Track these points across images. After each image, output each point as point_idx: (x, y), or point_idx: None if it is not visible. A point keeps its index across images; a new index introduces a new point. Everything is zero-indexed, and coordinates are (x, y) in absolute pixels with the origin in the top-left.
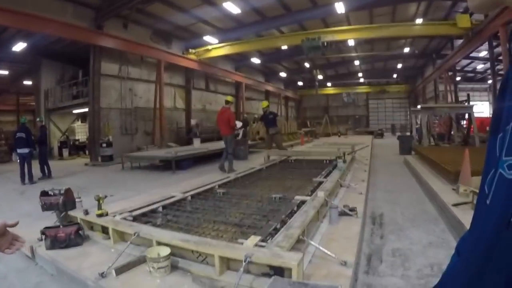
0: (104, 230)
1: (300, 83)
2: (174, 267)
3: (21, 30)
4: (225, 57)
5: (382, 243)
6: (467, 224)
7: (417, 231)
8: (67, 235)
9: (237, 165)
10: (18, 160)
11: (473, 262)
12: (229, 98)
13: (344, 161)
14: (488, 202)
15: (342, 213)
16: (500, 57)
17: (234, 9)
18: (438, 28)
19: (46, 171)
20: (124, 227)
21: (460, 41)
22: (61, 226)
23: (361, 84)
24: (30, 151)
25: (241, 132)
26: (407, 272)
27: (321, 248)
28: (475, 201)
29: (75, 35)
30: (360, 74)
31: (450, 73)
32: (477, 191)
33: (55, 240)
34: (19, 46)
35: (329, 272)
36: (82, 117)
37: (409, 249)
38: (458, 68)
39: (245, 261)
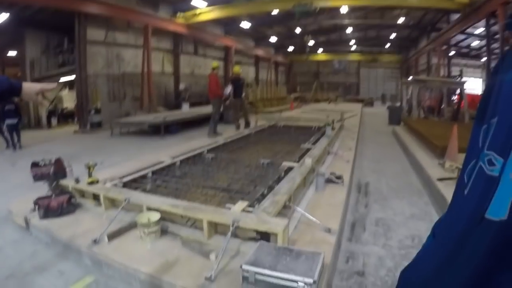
0: (95, 197)
1: (290, 48)
2: (164, 232)
3: (3, 1)
4: (215, 21)
5: (366, 212)
6: (450, 199)
7: (401, 202)
8: (60, 204)
9: (226, 129)
10: (6, 130)
11: (445, 247)
12: (214, 64)
13: (333, 128)
14: (466, 192)
15: (329, 181)
16: (497, 36)
17: None
18: (435, 0)
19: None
20: (114, 194)
21: (456, 16)
22: (53, 196)
23: (353, 51)
24: (18, 120)
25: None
26: (389, 242)
27: (306, 214)
28: None
29: (59, 2)
30: (352, 42)
31: (444, 47)
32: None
33: (48, 209)
34: (1, 17)
35: (314, 238)
36: (70, 85)
37: (392, 219)
38: (452, 42)
39: (232, 226)
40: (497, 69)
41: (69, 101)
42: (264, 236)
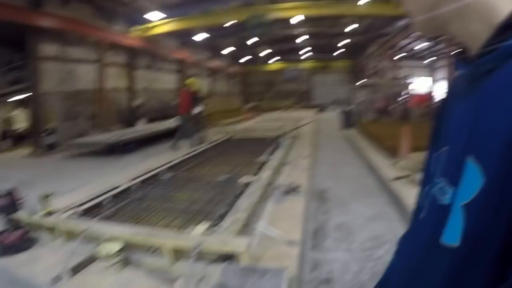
0: (53, 229)
1: (245, 59)
2: (127, 261)
3: None
4: (170, 34)
5: (327, 218)
6: (406, 198)
7: (359, 205)
8: (15, 240)
9: (183, 145)
10: None
11: (409, 267)
12: (189, 80)
13: (288, 138)
14: (421, 217)
15: (287, 192)
16: (440, 38)
17: None
18: (382, 8)
19: None
20: (72, 225)
21: (403, 21)
22: (7, 231)
23: (305, 59)
24: None
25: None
26: (352, 245)
27: (267, 229)
28: (413, 175)
29: (9, 15)
30: (304, 50)
31: (391, 51)
32: (416, 166)
33: (3, 247)
34: None
35: (277, 252)
36: (22, 104)
37: (352, 222)
38: (399, 46)
39: (195, 250)
40: (449, 92)
41: (21, 121)
42: (228, 256)
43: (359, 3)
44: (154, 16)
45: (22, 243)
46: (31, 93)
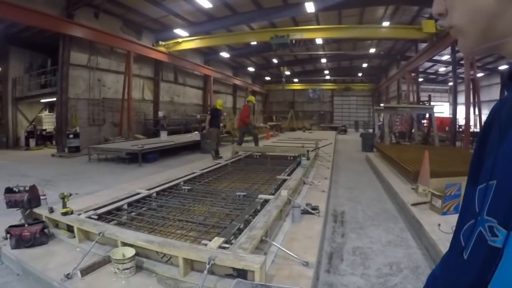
0: (69, 228)
1: (267, 78)
2: (139, 268)
3: None
4: (195, 50)
5: (343, 241)
6: (425, 224)
7: (377, 229)
8: (32, 234)
9: (204, 159)
10: None
11: None
12: (251, 98)
13: (308, 159)
14: (465, 256)
15: (305, 212)
16: (462, 61)
17: (205, 3)
18: (403, 31)
19: None
20: (89, 226)
21: (424, 45)
22: (26, 225)
23: (327, 81)
24: None
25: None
26: (367, 271)
27: (283, 249)
28: (433, 202)
29: (45, 23)
30: (326, 72)
31: (413, 74)
32: (436, 192)
33: (20, 239)
34: None
35: (291, 272)
36: (50, 106)
37: (369, 247)
38: (421, 69)
39: (208, 264)
40: (493, 118)
41: (48, 122)
42: (241, 272)
43: (383, 24)
44: (181, 32)
45: (39, 238)
46: (60, 97)
